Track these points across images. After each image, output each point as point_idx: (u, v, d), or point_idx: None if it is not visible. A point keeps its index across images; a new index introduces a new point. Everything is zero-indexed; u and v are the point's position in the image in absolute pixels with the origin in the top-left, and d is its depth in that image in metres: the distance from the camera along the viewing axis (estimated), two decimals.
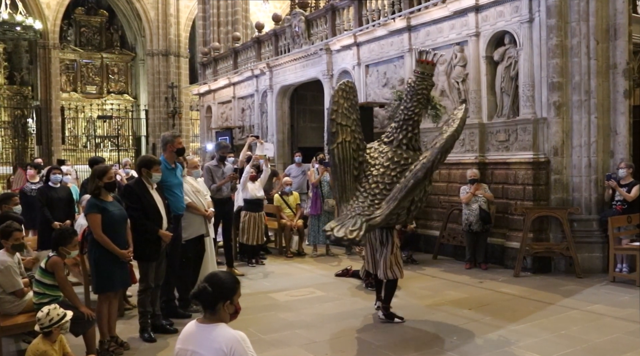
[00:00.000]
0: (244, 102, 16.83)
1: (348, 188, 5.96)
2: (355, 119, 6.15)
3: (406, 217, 6.11)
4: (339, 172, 5.98)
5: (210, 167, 8.62)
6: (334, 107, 6.07)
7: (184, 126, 28.70)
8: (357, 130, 6.13)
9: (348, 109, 6.11)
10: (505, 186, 8.86)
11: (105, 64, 29.66)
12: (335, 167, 6.04)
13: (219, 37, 19.46)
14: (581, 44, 8.24)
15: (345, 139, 6.01)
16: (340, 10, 12.59)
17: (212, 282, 2.85)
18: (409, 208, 5.82)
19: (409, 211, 5.87)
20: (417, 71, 6.25)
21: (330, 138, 6.05)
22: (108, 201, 5.17)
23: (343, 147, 5.99)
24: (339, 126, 6.02)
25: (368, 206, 5.72)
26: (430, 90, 6.25)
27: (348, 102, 6.13)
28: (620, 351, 5.09)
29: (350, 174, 5.99)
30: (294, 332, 5.78)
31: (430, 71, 6.23)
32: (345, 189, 5.96)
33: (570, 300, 6.84)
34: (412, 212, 5.96)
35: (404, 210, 5.79)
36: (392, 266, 5.97)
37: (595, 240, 8.28)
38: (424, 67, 6.19)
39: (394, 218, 5.78)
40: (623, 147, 8.34)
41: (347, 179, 5.97)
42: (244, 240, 9.37)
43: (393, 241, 6.05)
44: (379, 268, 6.06)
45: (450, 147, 5.61)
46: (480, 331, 5.69)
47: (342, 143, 6.00)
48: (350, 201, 5.88)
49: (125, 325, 5.99)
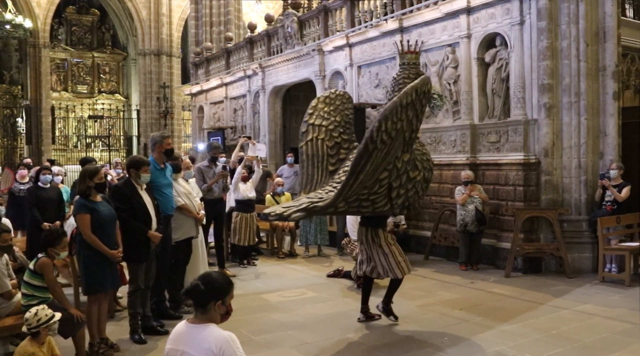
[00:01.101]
0: (236, 102, 16.80)
1: (317, 181, 6.05)
2: (338, 121, 6.27)
3: (389, 206, 5.61)
4: (305, 167, 6.16)
5: (201, 168, 8.60)
6: (309, 111, 6.37)
7: (176, 126, 28.63)
8: (339, 130, 6.23)
9: (328, 113, 6.29)
10: (497, 187, 8.89)
11: (97, 63, 29.52)
12: (302, 162, 6.23)
13: (211, 37, 19.43)
14: (571, 47, 8.29)
15: (316, 137, 6.18)
16: (333, 11, 12.60)
17: (205, 281, 2.85)
18: (389, 195, 5.51)
19: (389, 198, 5.54)
20: (401, 63, 6.31)
21: (300, 137, 6.35)
22: (97, 201, 5.14)
23: (313, 145, 6.17)
24: (310, 126, 6.25)
25: (326, 192, 5.66)
26: (414, 79, 5.82)
27: (330, 107, 6.33)
28: (610, 350, 5.12)
29: (322, 169, 6.09)
30: (286, 333, 5.78)
31: (411, 60, 6.19)
32: (313, 182, 6.06)
33: (560, 300, 6.88)
34: (394, 200, 5.56)
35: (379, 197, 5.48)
36: (389, 265, 5.85)
37: (585, 240, 8.34)
38: (405, 57, 6.21)
39: (366, 205, 5.51)
40: (612, 148, 8.40)
41: (316, 173, 6.09)
42: (235, 241, 9.35)
43: (384, 241, 5.89)
44: (370, 265, 5.96)
45: (392, 114, 5.05)
46: (471, 332, 5.70)
47: (313, 141, 6.18)
48: (314, 192, 5.89)
49: (116, 326, 5.96)
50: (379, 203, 5.55)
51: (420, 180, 5.74)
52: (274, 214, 5.21)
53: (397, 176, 5.50)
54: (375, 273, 6.00)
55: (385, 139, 5.01)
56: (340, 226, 9.93)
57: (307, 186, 6.06)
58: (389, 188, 5.50)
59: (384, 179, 5.44)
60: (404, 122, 5.14)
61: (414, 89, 5.16)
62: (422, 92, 5.24)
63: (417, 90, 5.17)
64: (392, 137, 5.06)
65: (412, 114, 5.21)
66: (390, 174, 5.45)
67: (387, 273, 5.91)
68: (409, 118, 5.20)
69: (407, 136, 5.35)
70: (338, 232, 10.22)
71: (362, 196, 5.43)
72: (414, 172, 5.65)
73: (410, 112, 5.17)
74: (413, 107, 5.18)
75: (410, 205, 5.84)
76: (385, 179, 5.44)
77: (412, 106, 5.17)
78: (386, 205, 5.60)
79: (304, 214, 5.34)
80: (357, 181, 5.13)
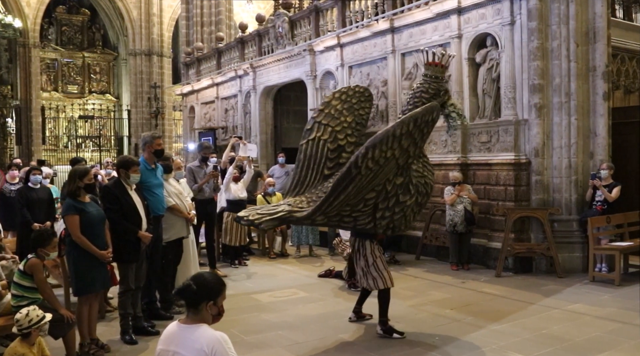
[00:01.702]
0: (227, 102, 16.77)
1: (308, 184, 5.74)
2: (347, 121, 5.88)
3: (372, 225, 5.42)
4: (300, 167, 5.83)
5: (192, 168, 8.58)
6: (320, 107, 6.02)
7: (167, 127, 28.55)
8: (347, 132, 5.86)
9: (340, 112, 5.91)
10: (487, 187, 8.92)
11: (87, 63, 29.39)
12: (298, 161, 5.88)
13: (202, 37, 19.37)
14: (561, 47, 8.33)
15: (320, 136, 5.82)
16: (324, 12, 12.60)
17: (197, 281, 2.84)
18: (373, 214, 5.32)
19: (374, 217, 5.35)
20: (424, 74, 5.85)
21: (304, 134, 5.99)
22: (86, 202, 5.12)
23: (314, 145, 5.82)
24: (317, 123, 5.89)
25: (308, 202, 5.41)
26: (432, 94, 5.65)
27: (344, 105, 5.93)
28: (600, 349, 5.15)
29: (316, 172, 5.77)
30: (277, 333, 5.77)
31: (435, 73, 5.76)
32: (303, 184, 5.75)
33: (551, 300, 6.91)
34: (378, 220, 5.36)
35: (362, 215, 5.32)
36: (372, 276, 5.58)
37: (575, 240, 8.38)
38: (430, 69, 5.77)
39: (347, 221, 5.38)
40: (602, 148, 8.45)
41: (309, 175, 5.77)
42: (226, 241, 9.33)
43: (370, 252, 5.62)
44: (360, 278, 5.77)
45: (382, 143, 4.84)
46: (462, 331, 5.72)
47: (315, 140, 5.83)
48: (301, 195, 5.62)
49: (107, 327, 5.94)
50: (362, 220, 5.40)
51: (411, 205, 5.46)
52: (246, 219, 5.07)
53: (385, 197, 5.31)
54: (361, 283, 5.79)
55: (371, 166, 4.85)
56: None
57: (296, 187, 5.77)
58: (374, 208, 5.33)
59: (370, 199, 5.26)
60: (397, 150, 4.95)
61: (412, 119, 4.95)
62: (423, 122, 5.02)
63: (417, 120, 4.96)
64: (379, 165, 4.90)
65: (407, 143, 5.00)
66: (378, 195, 5.27)
67: (368, 284, 5.65)
68: (404, 147, 4.99)
69: (402, 162, 5.15)
70: (329, 232, 10.23)
71: (344, 212, 5.28)
72: (404, 196, 5.39)
73: (405, 142, 4.96)
74: (410, 136, 4.96)
75: (396, 227, 5.57)
76: (371, 199, 5.27)
77: (409, 136, 4.95)
78: (369, 224, 5.42)
79: (276, 223, 5.14)
80: (337, 200, 5.00)
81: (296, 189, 5.76)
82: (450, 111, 5.76)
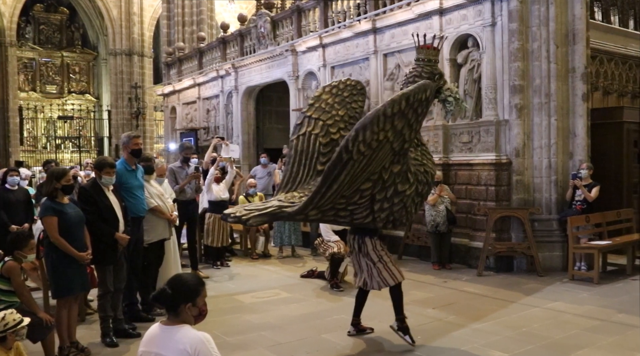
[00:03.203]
0: (209, 103, 16.68)
1: (300, 180, 5.45)
2: (339, 115, 5.61)
3: (371, 218, 5.10)
4: (291, 163, 5.53)
5: (173, 168, 8.53)
6: (310, 101, 5.76)
7: (148, 127, 28.34)
8: (340, 126, 5.57)
9: (331, 105, 5.65)
10: (469, 187, 8.98)
11: (66, 63, 29.08)
12: (289, 157, 5.61)
13: (183, 37, 19.24)
14: (541, 48, 8.42)
15: (310, 131, 5.54)
16: (306, 12, 12.59)
17: (173, 284, 2.81)
18: (371, 207, 5.01)
19: (372, 210, 5.04)
20: (416, 58, 5.49)
21: (293, 129, 5.74)
22: (64, 203, 5.05)
23: (305, 140, 5.54)
24: (307, 118, 5.62)
25: (300, 197, 5.11)
26: (427, 78, 5.24)
27: (335, 98, 5.67)
28: (579, 347, 5.21)
29: (309, 168, 5.47)
30: (259, 334, 5.75)
31: (428, 56, 5.39)
32: (295, 181, 5.45)
33: (531, 298, 6.97)
34: (376, 213, 5.05)
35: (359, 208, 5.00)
36: (378, 274, 5.33)
37: (555, 239, 8.47)
38: (422, 52, 5.40)
39: (343, 215, 5.05)
40: (582, 149, 8.55)
41: (301, 172, 5.47)
42: (208, 242, 9.28)
43: (371, 249, 5.36)
44: (362, 277, 5.46)
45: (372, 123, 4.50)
46: (444, 330, 5.75)
47: (305, 135, 5.55)
48: (292, 192, 5.34)
49: (87, 330, 5.87)
50: (359, 214, 5.07)
51: (410, 194, 5.15)
52: (233, 216, 4.76)
53: (382, 188, 4.98)
54: (366, 285, 5.47)
55: (363, 150, 4.50)
56: (314, 227, 9.93)
57: (287, 184, 5.46)
58: (371, 200, 5.00)
59: (366, 189, 4.93)
60: (389, 132, 4.59)
61: (404, 97, 4.61)
62: (416, 100, 4.67)
63: (410, 98, 4.63)
64: (372, 148, 4.54)
65: (401, 125, 4.65)
66: (375, 185, 4.94)
67: (378, 283, 5.36)
68: (398, 128, 4.64)
69: (397, 147, 4.80)
70: (311, 233, 10.22)
71: (339, 205, 4.95)
72: (403, 185, 5.08)
73: (398, 122, 4.61)
74: (403, 117, 4.63)
75: (397, 220, 5.28)
76: (368, 190, 4.93)
77: (402, 116, 4.62)
78: (367, 217, 5.10)
79: (266, 219, 4.90)
80: (330, 190, 4.66)
81: (287, 186, 5.46)
82: (447, 95, 5.46)
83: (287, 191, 5.40)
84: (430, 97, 4.96)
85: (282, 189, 5.49)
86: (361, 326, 5.69)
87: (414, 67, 5.45)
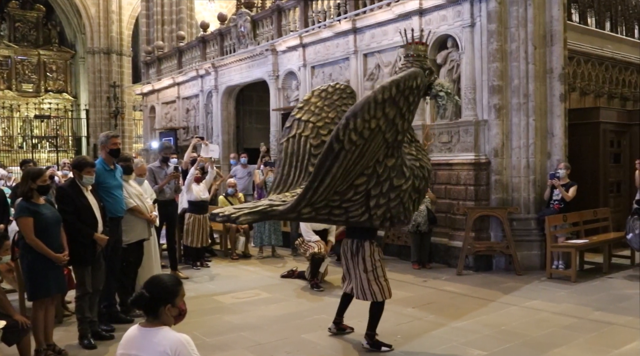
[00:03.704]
0: (188, 102, 16.57)
1: (291, 182, 5.37)
2: (330, 117, 5.53)
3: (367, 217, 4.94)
4: (282, 165, 5.48)
5: (152, 168, 8.45)
6: (299, 104, 5.70)
7: (127, 127, 28.02)
8: (329, 128, 5.42)
9: (321, 108, 5.58)
10: (448, 187, 9.04)
11: (43, 61, 28.61)
12: (280, 160, 5.58)
13: (162, 35, 19.11)
14: (520, 49, 8.50)
15: (300, 133, 5.48)
16: (286, 11, 12.57)
17: (150, 287, 2.78)
18: (367, 203, 4.87)
19: (367, 207, 4.88)
20: (406, 55, 5.43)
21: (283, 133, 5.68)
22: (40, 203, 4.98)
23: (295, 142, 5.48)
24: (296, 121, 5.56)
25: (292, 197, 4.98)
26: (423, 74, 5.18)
27: (324, 102, 5.61)
28: (557, 344, 5.27)
29: (300, 170, 5.40)
30: (239, 335, 5.72)
31: (417, 51, 5.34)
32: (286, 183, 5.39)
33: (510, 297, 7.04)
34: (372, 210, 4.89)
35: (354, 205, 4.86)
36: (368, 285, 5.19)
37: (533, 238, 8.56)
38: (411, 49, 5.37)
39: (337, 213, 4.89)
40: (559, 148, 8.65)
41: (292, 173, 5.41)
42: (188, 243, 9.22)
43: (368, 254, 5.21)
44: (351, 284, 5.37)
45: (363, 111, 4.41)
46: (423, 329, 5.77)
47: (295, 137, 5.49)
48: (284, 193, 5.26)
49: (64, 332, 5.78)
50: (354, 211, 4.90)
51: (407, 189, 5.00)
52: (223, 215, 4.65)
53: (377, 183, 4.84)
54: (354, 292, 5.36)
55: (355, 139, 4.38)
56: (294, 227, 9.91)
57: (278, 187, 5.39)
58: (366, 196, 4.85)
59: (360, 185, 4.79)
60: (381, 120, 4.48)
61: (394, 83, 4.52)
62: (407, 87, 4.57)
63: (400, 85, 4.53)
64: (364, 137, 4.42)
65: (393, 113, 4.55)
66: (369, 180, 4.81)
67: (364, 294, 5.23)
68: (389, 117, 4.54)
69: (390, 138, 4.69)
70: (292, 233, 10.20)
71: (333, 202, 4.80)
72: (399, 180, 4.94)
73: (390, 110, 4.51)
74: (394, 104, 4.52)
75: (394, 218, 5.05)
76: (362, 185, 4.80)
77: (393, 103, 4.51)
78: (363, 215, 4.92)
79: (257, 217, 4.79)
80: (322, 185, 4.52)
81: (279, 188, 5.39)
82: (438, 90, 5.36)
83: (279, 192, 5.33)
84: (422, 86, 4.88)
85: (273, 191, 5.42)
86: (342, 325, 5.69)
87: (403, 64, 5.39)
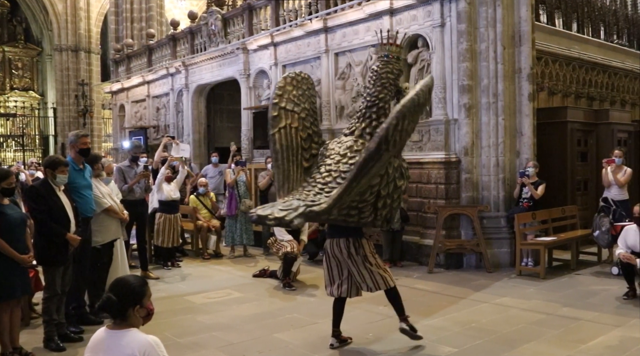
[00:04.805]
0: (158, 101, 16.38)
1: (292, 178, 5.18)
2: (307, 108, 5.44)
3: (373, 217, 5.01)
4: (280, 160, 5.22)
5: (122, 167, 8.34)
6: (278, 92, 5.40)
7: (96, 126, 27.63)
8: (310, 120, 5.41)
9: (298, 98, 5.43)
10: (419, 185, 9.09)
11: (8, 58, 28.04)
12: (276, 153, 5.25)
13: (132, 33, 18.87)
14: (489, 49, 8.61)
15: (290, 124, 5.28)
16: (258, 10, 12.51)
17: (117, 290, 2.73)
18: (375, 204, 4.90)
19: (375, 208, 4.92)
20: (381, 56, 5.45)
21: (272, 122, 5.29)
22: (4, 204, 4.86)
23: (287, 134, 5.25)
24: (282, 110, 5.30)
25: (315, 194, 4.82)
26: (397, 75, 5.41)
27: (298, 91, 5.46)
28: (526, 340, 5.34)
29: (297, 164, 5.24)
30: (211, 335, 5.67)
31: (394, 53, 5.42)
32: (289, 178, 5.17)
33: (480, 294, 7.12)
34: (379, 210, 4.95)
35: (367, 205, 4.88)
36: (379, 275, 5.18)
37: (503, 236, 8.67)
38: (387, 49, 5.42)
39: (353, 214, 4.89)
40: (528, 147, 8.78)
41: (292, 169, 5.21)
42: (159, 242, 9.11)
43: (369, 251, 5.21)
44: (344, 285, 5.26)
45: (410, 112, 4.46)
46: (395, 327, 5.76)
47: (286, 128, 5.26)
48: (294, 191, 5.04)
49: (31, 334, 5.66)
50: (365, 212, 4.93)
51: (403, 190, 5.19)
52: (272, 217, 4.39)
53: (386, 183, 4.88)
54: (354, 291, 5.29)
55: (398, 140, 4.42)
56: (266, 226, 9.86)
57: (284, 183, 5.16)
58: (376, 196, 4.88)
59: (375, 185, 4.80)
60: (413, 123, 4.67)
61: (427, 87, 4.66)
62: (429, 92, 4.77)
63: (431, 89, 4.76)
64: (402, 139, 4.51)
65: (418, 117, 4.80)
66: (382, 180, 4.83)
67: (376, 284, 5.19)
68: (416, 121, 4.78)
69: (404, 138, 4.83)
70: (263, 232, 10.16)
71: (353, 203, 4.78)
72: (399, 180, 5.02)
73: (418, 114, 4.72)
74: (422, 108, 4.75)
75: (391, 218, 5.24)
76: (376, 185, 4.81)
77: (422, 107, 4.72)
78: (370, 215, 4.98)
79: (303, 220, 4.59)
80: (358, 185, 4.48)
81: (285, 185, 5.17)
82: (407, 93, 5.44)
83: (287, 190, 5.14)
84: None
85: (281, 189, 5.22)
86: (342, 337, 5.42)
87: (383, 64, 5.38)
